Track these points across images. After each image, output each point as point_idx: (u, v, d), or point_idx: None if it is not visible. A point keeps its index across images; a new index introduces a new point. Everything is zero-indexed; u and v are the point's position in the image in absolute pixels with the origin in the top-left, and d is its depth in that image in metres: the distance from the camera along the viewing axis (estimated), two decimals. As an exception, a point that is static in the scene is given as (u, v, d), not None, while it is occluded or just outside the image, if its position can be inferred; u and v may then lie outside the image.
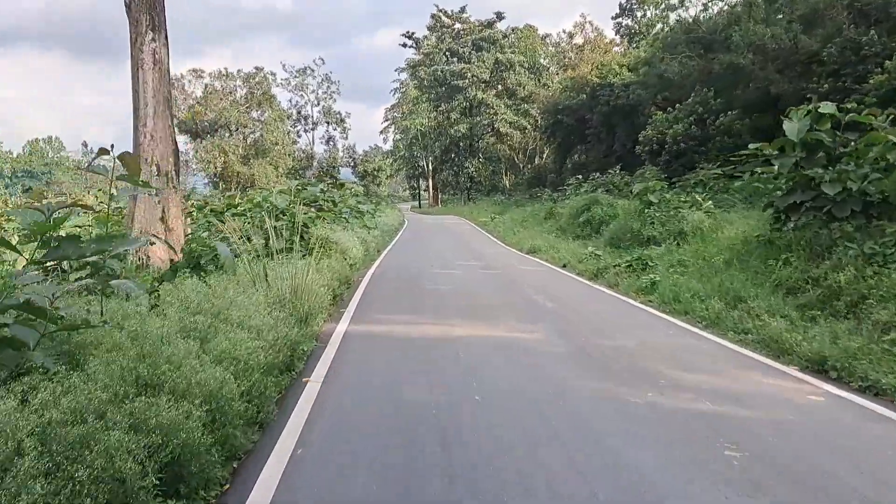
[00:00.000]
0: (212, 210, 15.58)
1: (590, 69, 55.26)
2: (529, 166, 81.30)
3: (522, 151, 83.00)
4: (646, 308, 12.14)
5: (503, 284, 15.58)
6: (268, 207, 14.18)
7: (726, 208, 22.34)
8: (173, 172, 14.43)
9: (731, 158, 26.02)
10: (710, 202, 21.45)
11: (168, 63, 14.40)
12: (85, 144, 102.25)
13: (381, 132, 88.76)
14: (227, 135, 61.55)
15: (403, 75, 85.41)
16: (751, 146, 26.25)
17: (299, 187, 18.53)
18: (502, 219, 44.92)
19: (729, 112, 32.85)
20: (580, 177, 43.12)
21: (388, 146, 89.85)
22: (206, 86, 62.35)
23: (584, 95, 54.98)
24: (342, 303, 12.81)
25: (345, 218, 22.99)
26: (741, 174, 25.31)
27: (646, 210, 22.55)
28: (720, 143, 33.57)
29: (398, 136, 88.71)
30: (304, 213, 15.40)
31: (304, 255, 12.99)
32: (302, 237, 14.73)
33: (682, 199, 21.24)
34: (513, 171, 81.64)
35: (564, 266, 19.11)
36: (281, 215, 14.76)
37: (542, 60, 77.23)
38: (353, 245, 17.79)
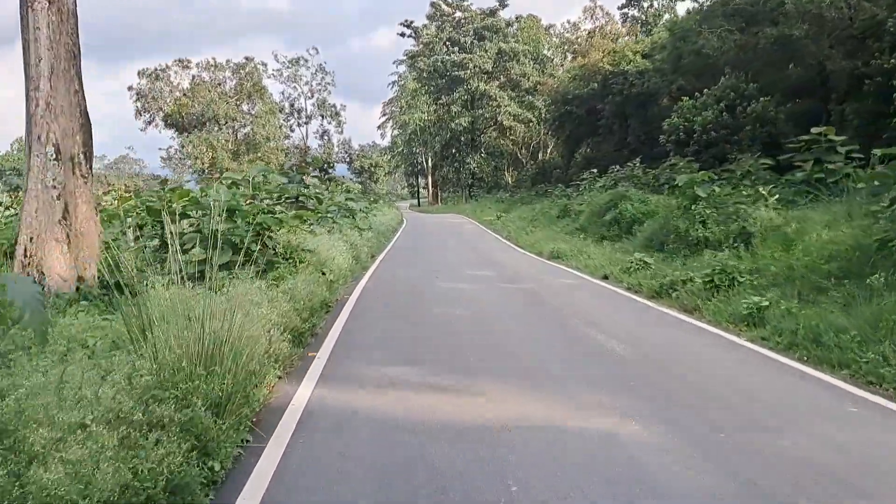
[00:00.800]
0: (148, 209, 11.45)
1: (601, 56, 51.08)
2: (532, 162, 77.21)
3: (525, 146, 78.85)
4: (766, 353, 8.00)
5: (536, 308, 11.47)
6: (214, 205, 10.06)
7: (786, 203, 18.39)
8: (82, 156, 10.30)
9: (790, 145, 22.00)
10: (776, 196, 17.49)
11: (73, 4, 10.27)
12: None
13: (379, 127, 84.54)
14: (215, 129, 57.31)
15: (402, 68, 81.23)
16: (813, 130, 21.98)
17: (262, 176, 14.18)
18: (509, 217, 40.85)
19: (762, 98, 29.12)
20: (595, 170, 39.16)
21: (386, 141, 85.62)
22: (193, 77, 58.13)
23: (596, 84, 50.96)
24: (314, 342, 8.71)
25: (331, 218, 18.90)
26: (800, 164, 21.30)
27: (692, 206, 18.56)
28: (751, 132, 29.80)
29: (396, 132, 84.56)
30: (272, 213, 11.27)
31: (258, 274, 8.89)
32: (265, 246, 10.59)
33: (745, 193, 17.18)
34: (515, 167, 77.55)
35: (606, 278, 14.97)
36: (241, 215, 10.61)
37: (545, 52, 73.11)
38: (337, 254, 13.67)
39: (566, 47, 71.21)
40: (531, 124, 67.36)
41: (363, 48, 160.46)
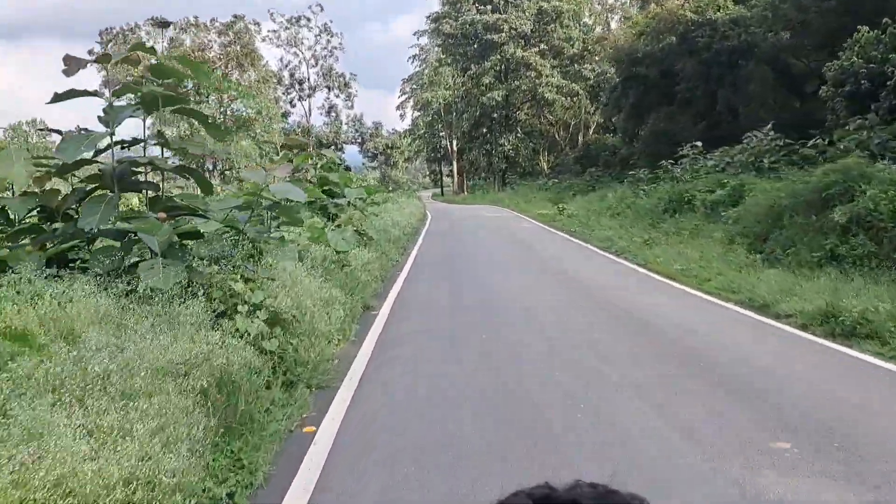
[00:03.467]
0: None
1: (681, 2, 38.20)
2: (570, 146, 64.31)
3: (564, 126, 65.82)
4: None
5: None
6: None
7: None
8: None
9: None
10: None
11: None
12: (78, 128, 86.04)
13: (398, 107, 71.69)
14: (200, 104, 44.98)
15: (423, 40, 68.37)
16: None
17: None
18: (574, 210, 28.29)
19: None
20: (699, 143, 26.59)
21: (405, 124, 72.87)
22: (171, 39, 45.70)
23: (673, 38, 38.05)
24: None
25: (248, 246, 6.47)
26: None
27: None
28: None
29: (417, 114, 71.78)
30: None
31: None
32: None
33: None
34: (550, 150, 64.67)
35: None
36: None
37: (587, 19, 59.81)
38: None
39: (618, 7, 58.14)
40: (577, 98, 54.36)
41: (383, 35, 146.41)
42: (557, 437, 4.56)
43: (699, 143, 26.15)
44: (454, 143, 66.77)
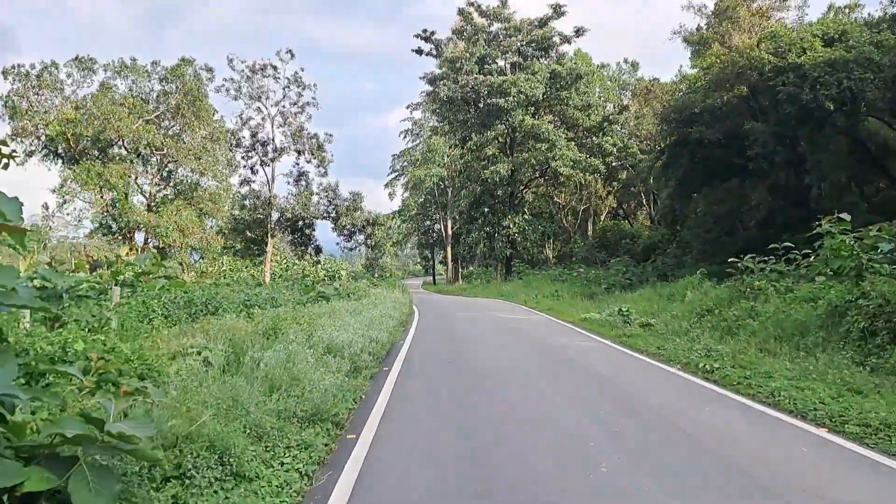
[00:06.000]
0: None
1: (755, 41, 28.96)
2: (580, 232, 54.67)
3: (572, 211, 56.27)
4: None
5: None
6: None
7: None
8: None
9: None
10: None
11: None
12: (45, 206, 75.03)
13: (387, 185, 62.11)
14: (133, 162, 34.55)
15: (417, 113, 59.70)
16: None
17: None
18: (641, 314, 17.52)
19: None
20: (846, 216, 16.09)
21: (395, 205, 63.15)
22: (101, 84, 35.57)
23: (744, 88, 28.70)
24: None
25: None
26: None
27: None
28: None
29: (406, 195, 62.39)
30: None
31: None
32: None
33: None
34: (557, 237, 54.84)
35: None
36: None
37: (596, 95, 51.06)
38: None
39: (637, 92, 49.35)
40: (596, 175, 44.83)
41: (375, 126, 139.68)
42: None
43: (846, 216, 15.76)
44: (449, 225, 56.89)
